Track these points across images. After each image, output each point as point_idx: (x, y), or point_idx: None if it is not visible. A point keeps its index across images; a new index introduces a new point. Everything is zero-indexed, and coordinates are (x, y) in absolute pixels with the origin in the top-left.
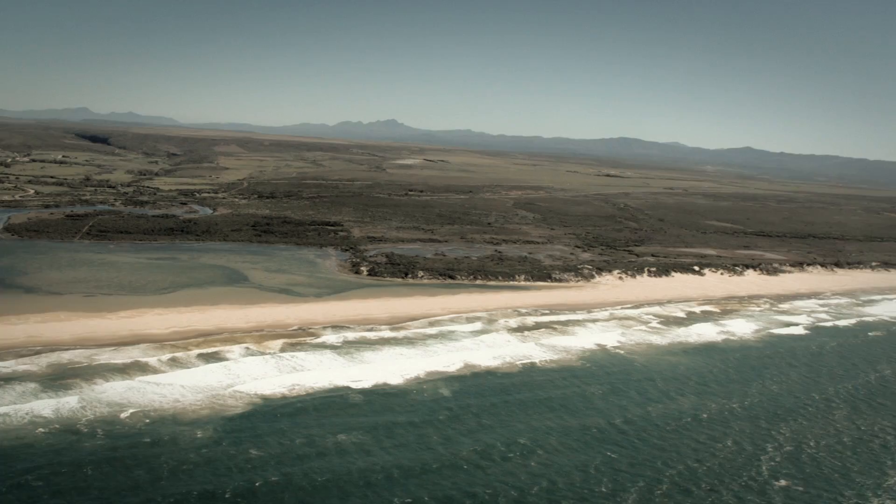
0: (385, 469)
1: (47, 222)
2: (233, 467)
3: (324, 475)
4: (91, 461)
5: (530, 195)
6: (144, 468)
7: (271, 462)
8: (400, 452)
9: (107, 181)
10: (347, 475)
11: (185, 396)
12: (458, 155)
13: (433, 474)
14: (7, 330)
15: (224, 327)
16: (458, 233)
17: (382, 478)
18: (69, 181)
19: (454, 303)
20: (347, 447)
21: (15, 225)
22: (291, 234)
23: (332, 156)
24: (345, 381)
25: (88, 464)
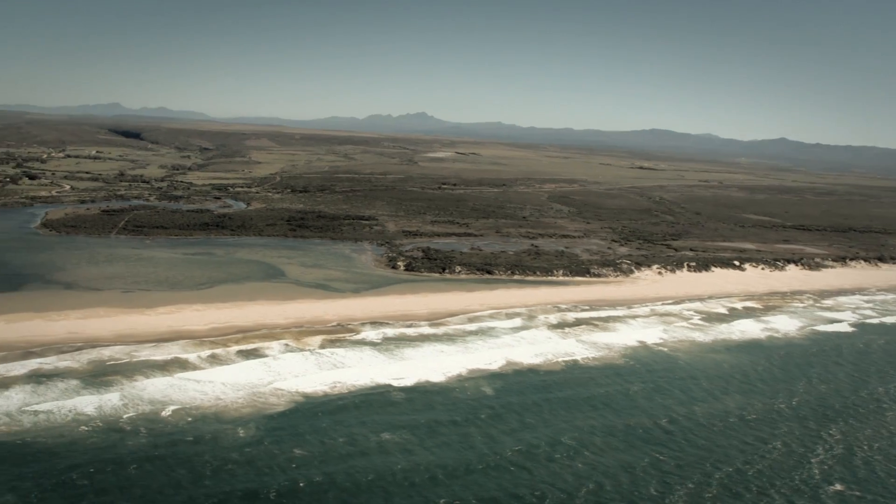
0: (428, 469)
1: (84, 218)
2: (276, 467)
3: (367, 475)
4: (134, 459)
5: (564, 188)
6: (187, 467)
7: (314, 461)
8: (443, 452)
9: (141, 176)
10: (391, 475)
11: (226, 394)
12: (489, 148)
13: (477, 475)
14: (48, 326)
15: (262, 323)
16: (493, 227)
17: (426, 478)
18: (104, 176)
19: (493, 298)
20: (390, 446)
21: (52, 220)
22: (326, 228)
23: (363, 149)
24: (386, 378)
25: (132, 462)
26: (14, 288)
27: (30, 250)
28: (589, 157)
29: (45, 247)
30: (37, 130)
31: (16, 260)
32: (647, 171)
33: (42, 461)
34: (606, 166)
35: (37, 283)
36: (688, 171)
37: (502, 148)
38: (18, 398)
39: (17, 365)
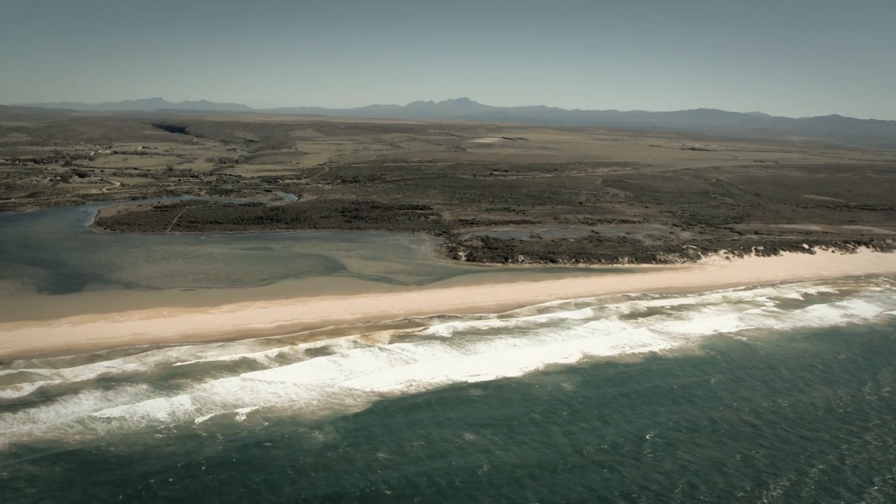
0: (513, 470)
1: (137, 215)
2: (357, 472)
3: (451, 478)
4: (212, 467)
5: (618, 172)
6: (266, 474)
7: (396, 465)
8: (527, 452)
9: (189, 170)
10: (475, 478)
11: (299, 395)
12: (535, 132)
13: (563, 475)
14: (113, 328)
15: (329, 319)
16: (550, 213)
17: (511, 480)
18: (152, 172)
19: (560, 288)
20: (473, 447)
21: (106, 218)
22: (381, 219)
23: (409, 137)
24: (462, 375)
25: (209, 469)
26: (75, 289)
27: (86, 250)
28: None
29: (101, 245)
30: (83, 128)
31: (74, 260)
32: (698, 153)
33: (118, 470)
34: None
35: (97, 284)
36: (741, 151)
37: (549, 132)
38: (89, 404)
39: (84, 369)
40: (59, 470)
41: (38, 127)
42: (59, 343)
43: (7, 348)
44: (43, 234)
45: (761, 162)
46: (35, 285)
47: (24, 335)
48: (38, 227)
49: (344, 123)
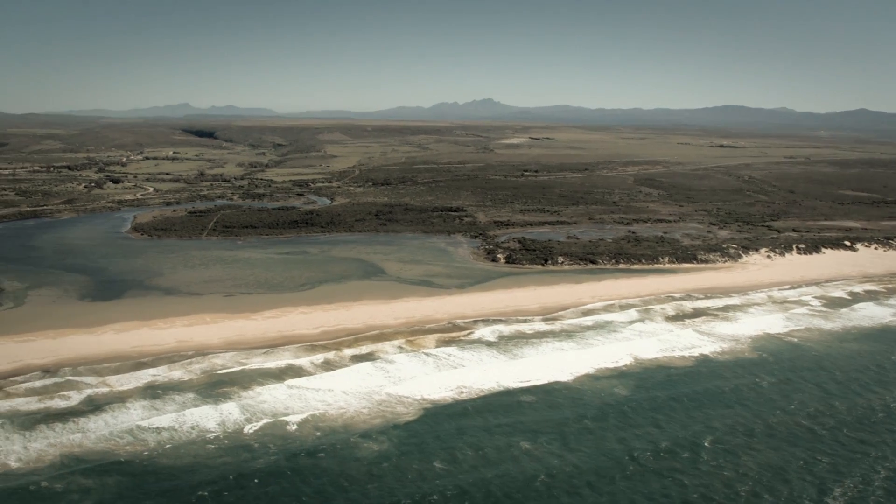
0: (570, 480)
1: (172, 220)
2: (414, 482)
3: (508, 488)
4: (266, 478)
5: (648, 170)
6: (322, 485)
7: (452, 475)
8: (583, 461)
9: (220, 175)
10: (532, 489)
11: (349, 403)
12: (562, 131)
13: (623, 484)
14: (156, 335)
15: (372, 324)
16: (584, 213)
17: (570, 490)
18: (184, 177)
19: (602, 290)
20: (528, 456)
21: (142, 224)
22: (416, 221)
23: (436, 139)
24: (512, 381)
25: (264, 481)
26: (116, 295)
27: (125, 256)
28: (664, 136)
29: (138, 251)
30: (114, 134)
31: (113, 266)
32: (727, 150)
33: (170, 481)
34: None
35: (137, 290)
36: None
37: (575, 131)
38: (137, 413)
39: (130, 377)
40: (112, 482)
41: (71, 134)
42: (104, 351)
43: (53, 356)
44: (81, 240)
45: (792, 158)
46: (76, 292)
47: (68, 343)
48: (75, 234)
49: (371, 126)
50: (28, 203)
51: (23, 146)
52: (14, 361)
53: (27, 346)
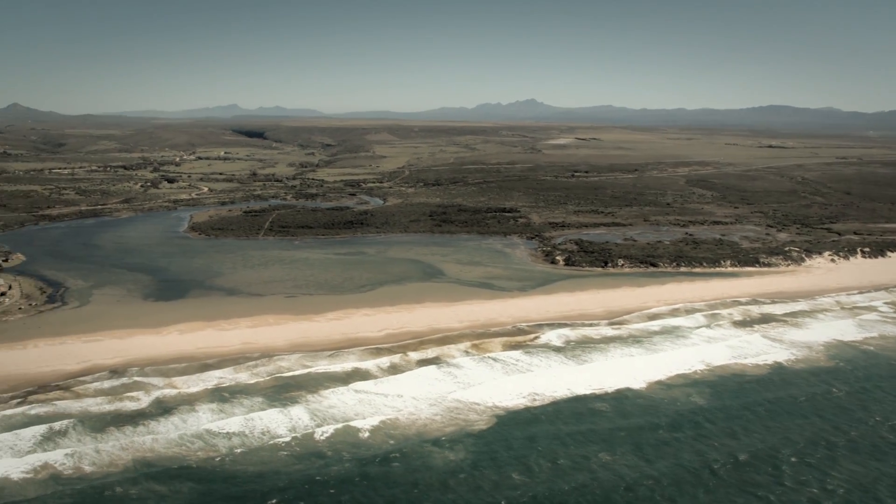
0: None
1: (228, 220)
2: (493, 494)
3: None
4: (341, 487)
5: (699, 171)
6: (400, 497)
7: (529, 486)
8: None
9: (272, 175)
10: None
11: (420, 409)
12: (608, 132)
13: (706, 497)
14: (221, 336)
15: (436, 328)
16: (639, 215)
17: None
18: (237, 177)
19: (666, 293)
20: (605, 468)
21: (199, 223)
22: (470, 222)
23: (483, 139)
24: (583, 388)
25: (339, 490)
26: (179, 295)
27: (184, 255)
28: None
29: (197, 251)
30: (167, 134)
31: (173, 266)
32: (776, 150)
33: (245, 489)
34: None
35: (199, 290)
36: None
37: (621, 132)
38: (206, 417)
39: (196, 379)
40: (185, 489)
41: (125, 134)
42: (170, 352)
43: (120, 357)
44: (140, 239)
45: (844, 159)
46: (139, 291)
47: (135, 343)
48: (134, 233)
49: (418, 126)
50: (87, 202)
51: (80, 146)
52: (83, 362)
53: (95, 346)
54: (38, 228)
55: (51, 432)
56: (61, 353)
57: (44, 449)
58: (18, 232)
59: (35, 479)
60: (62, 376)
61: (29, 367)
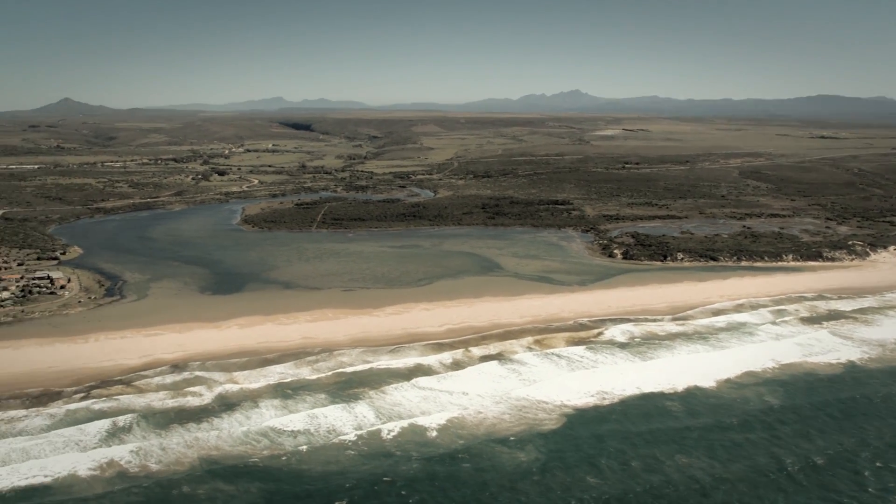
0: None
1: (280, 212)
2: (566, 497)
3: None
4: (413, 488)
5: (752, 163)
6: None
7: (602, 489)
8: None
9: (321, 167)
10: None
11: (486, 407)
12: (655, 123)
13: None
14: (280, 331)
15: (497, 323)
16: (693, 207)
17: None
18: (287, 169)
19: (729, 288)
20: (680, 470)
21: (252, 216)
22: (524, 215)
23: (529, 130)
24: (652, 385)
25: (411, 492)
26: (236, 289)
27: (238, 248)
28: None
29: (251, 244)
30: (215, 127)
31: (229, 259)
32: (829, 141)
33: (314, 490)
34: (784, 137)
35: (256, 283)
36: (874, 139)
37: (668, 122)
38: (269, 414)
39: (257, 374)
40: (254, 489)
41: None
42: (230, 346)
43: (181, 351)
44: (194, 231)
45: None
46: (196, 284)
47: (194, 338)
48: (188, 225)
49: (464, 118)
50: (140, 195)
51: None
52: (144, 356)
53: (155, 341)
54: (94, 221)
55: (115, 428)
56: (122, 346)
57: (108, 445)
58: (74, 225)
59: (102, 476)
60: (124, 371)
61: (91, 361)
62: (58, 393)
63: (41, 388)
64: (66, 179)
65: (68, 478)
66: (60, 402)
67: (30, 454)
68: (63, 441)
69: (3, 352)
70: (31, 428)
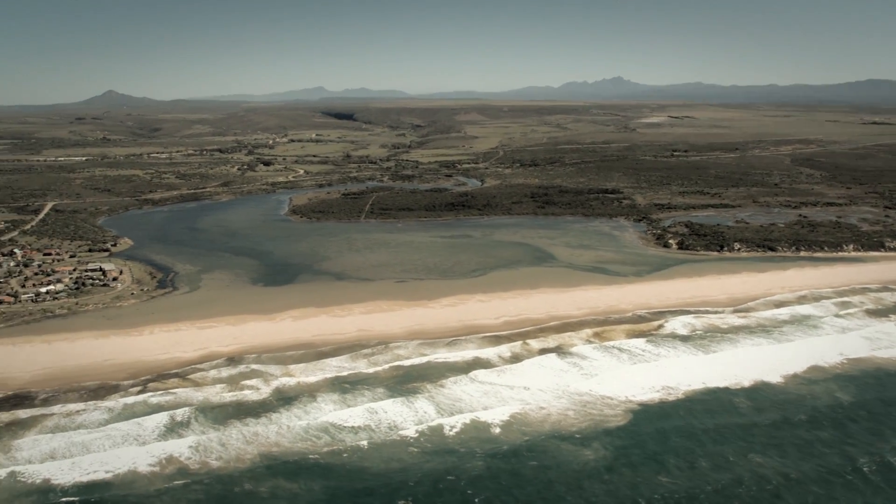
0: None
1: (328, 202)
2: (637, 497)
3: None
4: (479, 487)
5: (803, 150)
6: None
7: (675, 490)
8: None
9: (366, 157)
10: None
11: (548, 402)
12: (700, 110)
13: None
14: (335, 323)
15: (554, 315)
16: (746, 196)
17: None
18: (332, 159)
19: (790, 279)
20: (753, 469)
21: (299, 206)
22: (574, 204)
23: (573, 118)
24: (717, 380)
25: (477, 491)
26: (288, 280)
27: (287, 239)
28: (809, 113)
29: (301, 234)
30: (258, 118)
31: (279, 250)
32: (882, 127)
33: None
34: (833, 123)
35: (307, 275)
36: None
37: (714, 109)
38: (328, 408)
39: (314, 367)
40: (317, 487)
41: (218, 118)
42: (284, 339)
43: (236, 344)
44: (242, 222)
45: None
46: (248, 276)
47: (248, 330)
48: (236, 216)
49: (507, 106)
50: (188, 186)
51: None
52: (200, 349)
53: (209, 333)
54: (142, 213)
55: (173, 422)
56: (177, 339)
57: (167, 439)
58: (123, 216)
59: (162, 472)
60: (180, 364)
61: (146, 355)
62: (115, 386)
63: (98, 381)
64: (113, 171)
65: (129, 474)
66: (117, 396)
67: (89, 448)
68: (121, 435)
69: (59, 345)
70: (90, 422)
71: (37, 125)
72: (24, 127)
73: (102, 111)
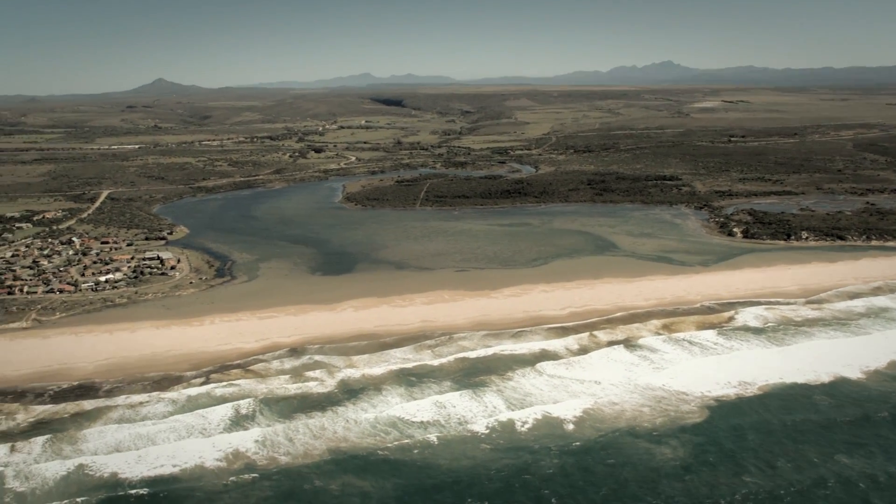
0: None
1: (382, 190)
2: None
3: None
4: (557, 488)
5: (865, 134)
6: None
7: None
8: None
9: (417, 143)
10: None
11: (621, 398)
12: (754, 94)
13: None
14: (397, 313)
15: (621, 305)
16: (809, 182)
17: None
18: (382, 145)
19: (863, 270)
20: (837, 471)
21: (353, 194)
22: (632, 191)
23: (625, 103)
24: (793, 375)
25: (554, 490)
26: (346, 269)
27: (343, 227)
28: (867, 97)
29: (356, 222)
30: (307, 105)
31: (335, 238)
32: None
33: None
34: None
35: (366, 263)
36: None
37: (768, 93)
38: (395, 402)
39: (377, 359)
40: (389, 485)
41: (267, 105)
42: (346, 330)
43: (298, 335)
44: (296, 209)
45: None
46: (305, 265)
47: (309, 320)
48: (290, 203)
49: (557, 91)
50: (240, 173)
51: (225, 118)
52: (261, 339)
53: (270, 323)
54: (196, 200)
55: (237, 415)
56: (238, 329)
57: (232, 432)
58: (178, 204)
59: (229, 467)
60: (242, 355)
61: (208, 345)
62: (178, 378)
63: (161, 372)
64: (166, 159)
65: (196, 468)
66: (181, 387)
67: (154, 440)
68: (186, 427)
69: (121, 335)
70: (154, 413)
71: (89, 114)
72: (76, 116)
73: (153, 99)
